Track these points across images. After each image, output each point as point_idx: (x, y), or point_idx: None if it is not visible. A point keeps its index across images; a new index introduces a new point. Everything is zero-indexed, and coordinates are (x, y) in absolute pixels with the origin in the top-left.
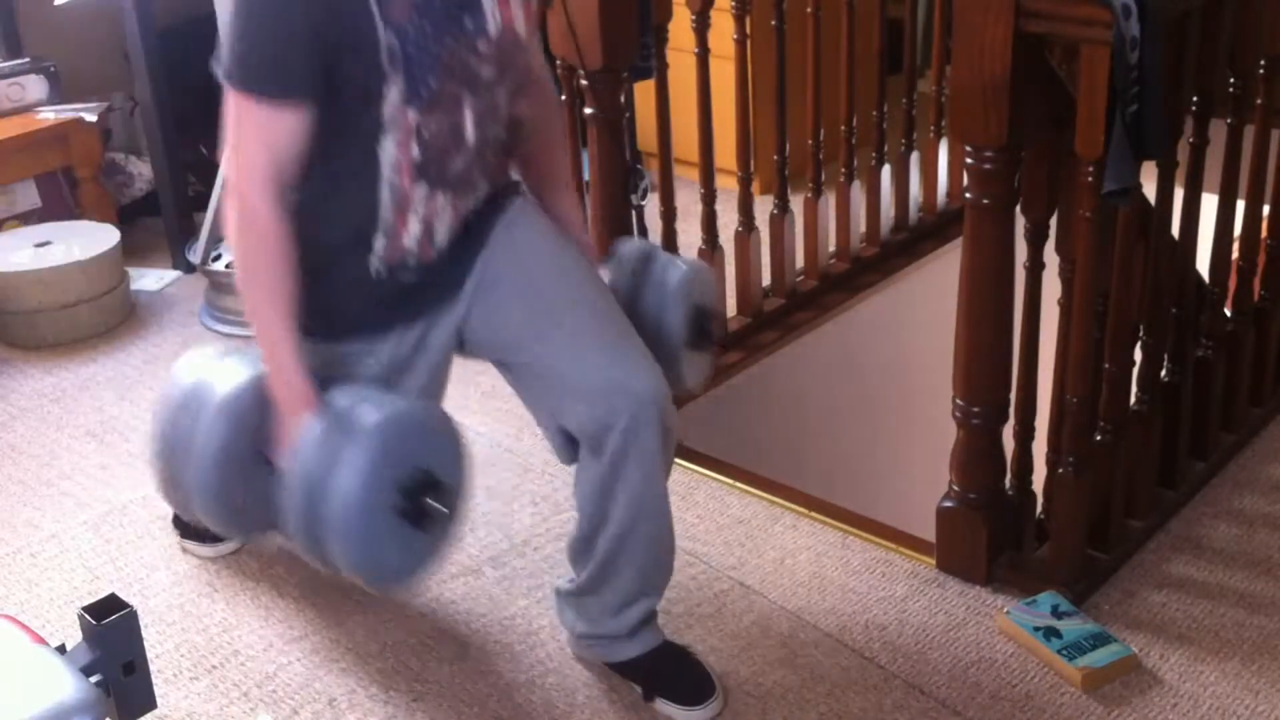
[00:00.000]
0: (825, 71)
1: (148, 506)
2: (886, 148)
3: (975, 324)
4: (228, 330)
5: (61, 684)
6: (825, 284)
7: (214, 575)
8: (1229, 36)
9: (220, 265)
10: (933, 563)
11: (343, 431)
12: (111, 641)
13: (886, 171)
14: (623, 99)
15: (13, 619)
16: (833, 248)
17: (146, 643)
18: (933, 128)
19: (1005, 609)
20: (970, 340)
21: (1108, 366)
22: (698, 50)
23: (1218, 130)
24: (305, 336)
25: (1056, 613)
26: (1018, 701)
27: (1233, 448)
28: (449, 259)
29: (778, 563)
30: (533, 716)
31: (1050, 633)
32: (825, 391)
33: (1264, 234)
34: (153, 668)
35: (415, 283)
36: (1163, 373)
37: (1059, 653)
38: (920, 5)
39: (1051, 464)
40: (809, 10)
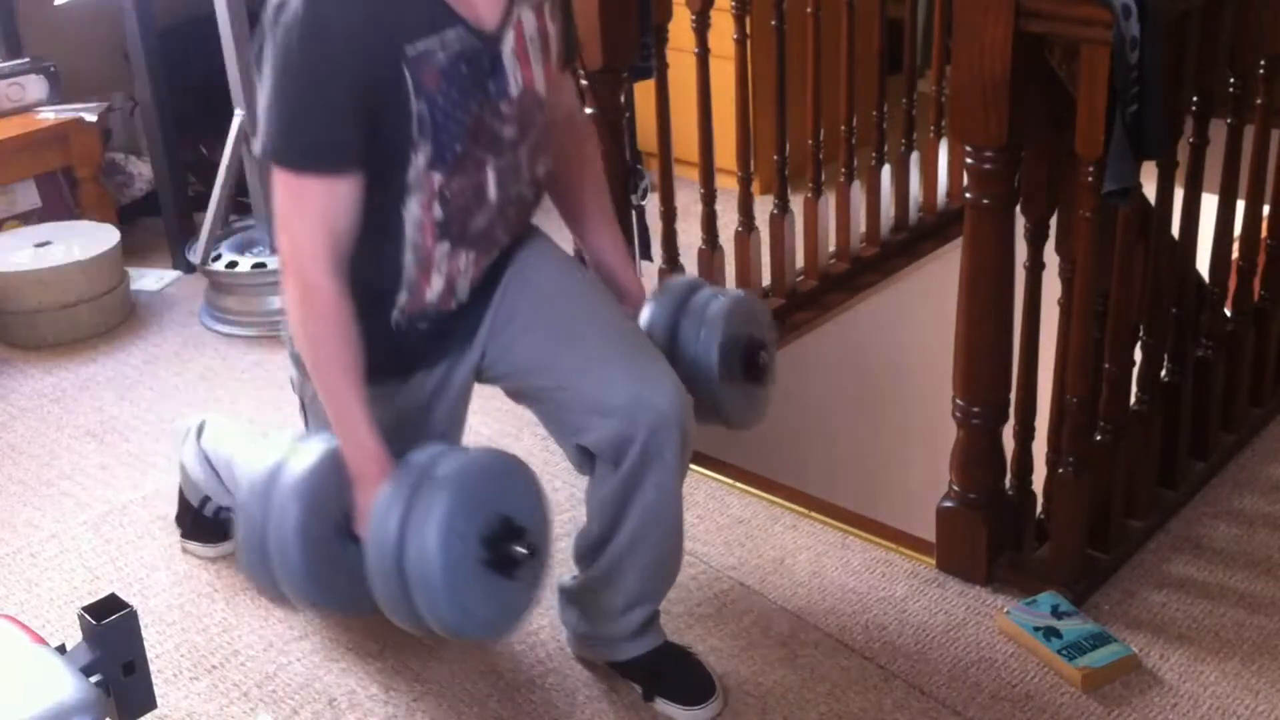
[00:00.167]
0: (825, 71)
1: (148, 506)
2: (886, 148)
3: (975, 324)
4: (227, 330)
5: (61, 684)
6: (825, 284)
7: (214, 575)
8: (1229, 36)
9: (220, 265)
10: (933, 563)
11: (416, 490)
12: (111, 641)
13: (886, 171)
14: (623, 99)
15: (13, 619)
16: (833, 248)
17: (146, 643)
18: (933, 128)
19: (1005, 609)
20: (970, 340)
21: (1108, 366)
22: (698, 50)
23: (1218, 130)
24: None
25: (1056, 613)
26: (1018, 701)
27: (1233, 448)
28: (468, 304)
29: (778, 563)
30: (533, 716)
31: (1050, 633)
32: (825, 391)
33: (1264, 234)
34: (153, 668)
35: (433, 331)
36: (1163, 373)
37: (1059, 653)
38: (920, 5)
39: (1051, 464)
40: (809, 10)
